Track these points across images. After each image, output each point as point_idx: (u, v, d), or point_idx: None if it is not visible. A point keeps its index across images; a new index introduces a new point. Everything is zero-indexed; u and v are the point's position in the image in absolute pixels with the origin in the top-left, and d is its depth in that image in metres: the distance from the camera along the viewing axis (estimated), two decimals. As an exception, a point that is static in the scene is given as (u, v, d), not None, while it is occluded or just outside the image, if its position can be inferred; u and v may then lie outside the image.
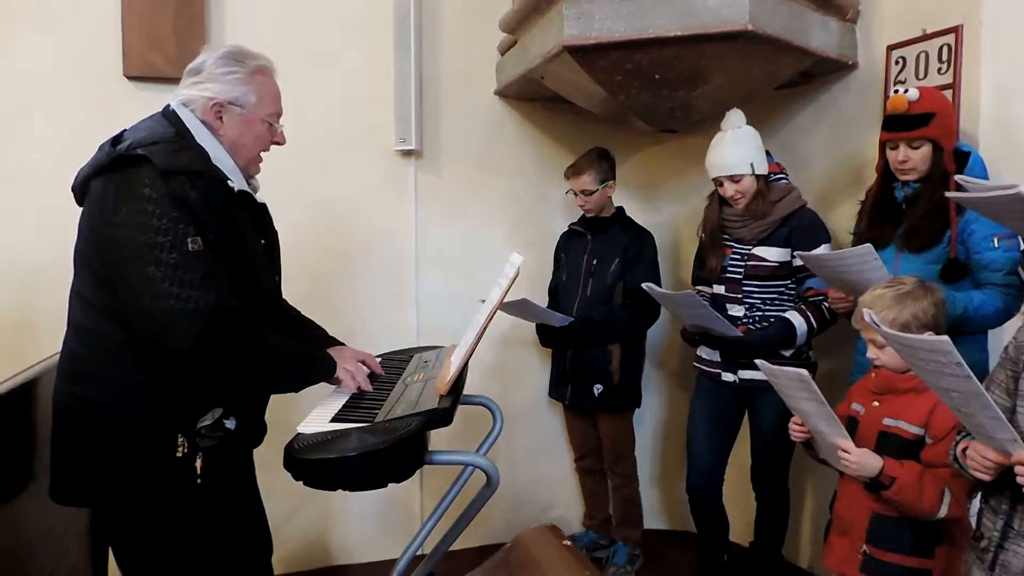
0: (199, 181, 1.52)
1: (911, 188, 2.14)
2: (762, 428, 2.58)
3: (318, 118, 2.94)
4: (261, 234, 1.73)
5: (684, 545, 3.23)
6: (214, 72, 1.64)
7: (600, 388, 2.91)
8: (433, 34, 3.12)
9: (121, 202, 1.48)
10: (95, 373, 1.55)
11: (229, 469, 1.66)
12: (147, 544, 1.59)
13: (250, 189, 1.69)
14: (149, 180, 1.47)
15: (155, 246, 1.45)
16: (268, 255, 1.76)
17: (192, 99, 1.64)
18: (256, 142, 1.71)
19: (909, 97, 2.07)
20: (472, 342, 1.71)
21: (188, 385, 1.55)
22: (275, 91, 1.74)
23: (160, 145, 1.52)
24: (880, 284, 1.82)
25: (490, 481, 1.67)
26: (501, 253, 2.08)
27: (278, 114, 1.76)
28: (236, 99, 1.65)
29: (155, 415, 1.53)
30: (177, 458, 1.54)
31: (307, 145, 2.90)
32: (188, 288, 1.45)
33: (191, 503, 1.58)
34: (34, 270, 2.65)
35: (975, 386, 1.25)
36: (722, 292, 2.57)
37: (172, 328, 1.45)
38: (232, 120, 1.66)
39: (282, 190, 2.09)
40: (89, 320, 1.56)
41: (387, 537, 3.16)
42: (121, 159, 1.50)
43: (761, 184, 2.49)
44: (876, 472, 1.68)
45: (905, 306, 1.73)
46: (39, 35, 2.67)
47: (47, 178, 2.58)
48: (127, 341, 1.51)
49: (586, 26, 2.37)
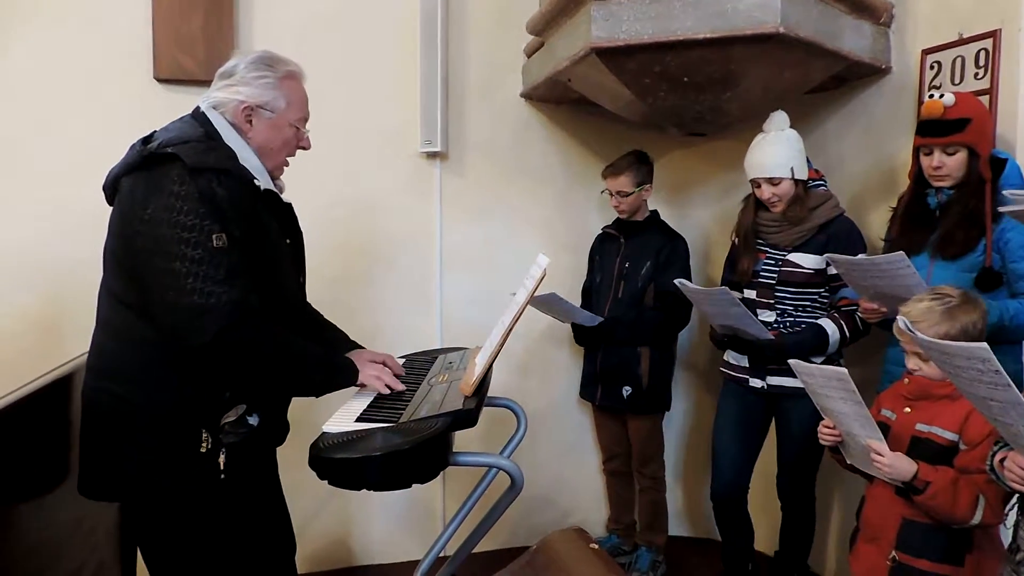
0: (226, 179, 1.55)
1: (945, 195, 2.11)
2: (789, 435, 2.55)
3: (344, 119, 2.96)
4: (286, 234, 1.75)
5: (708, 553, 3.20)
6: (246, 76, 1.67)
7: (629, 390, 2.90)
8: (460, 36, 3.12)
9: (150, 198, 1.51)
10: (122, 369, 1.57)
11: (253, 465, 1.68)
12: (171, 538, 1.61)
13: (276, 189, 1.71)
14: (178, 177, 1.50)
15: (181, 242, 1.47)
16: (293, 255, 1.78)
17: (223, 102, 1.67)
18: (284, 146, 1.75)
19: (945, 102, 2.04)
20: (497, 343, 1.70)
21: (213, 381, 1.56)
22: (303, 96, 1.78)
23: (189, 144, 1.55)
24: (925, 296, 1.77)
25: (514, 483, 1.66)
26: (526, 256, 2.08)
27: (305, 119, 1.79)
28: (266, 103, 1.68)
29: (180, 410, 1.55)
30: (201, 453, 1.56)
31: (333, 146, 2.91)
32: (211, 283, 1.47)
33: (215, 498, 1.60)
34: (63, 271, 2.68)
35: (1014, 395, 1.22)
36: (753, 297, 2.54)
37: (193, 323, 1.47)
38: (261, 123, 1.69)
39: (307, 191, 2.10)
40: (117, 316, 1.59)
41: (409, 538, 3.17)
42: (151, 157, 1.54)
43: (800, 189, 2.46)
44: (910, 476, 1.65)
45: (957, 320, 1.70)
46: (71, 38, 2.71)
47: (77, 179, 2.61)
48: (154, 337, 1.53)
49: (614, 28, 2.35)
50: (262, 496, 1.79)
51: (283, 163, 1.79)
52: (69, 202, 2.64)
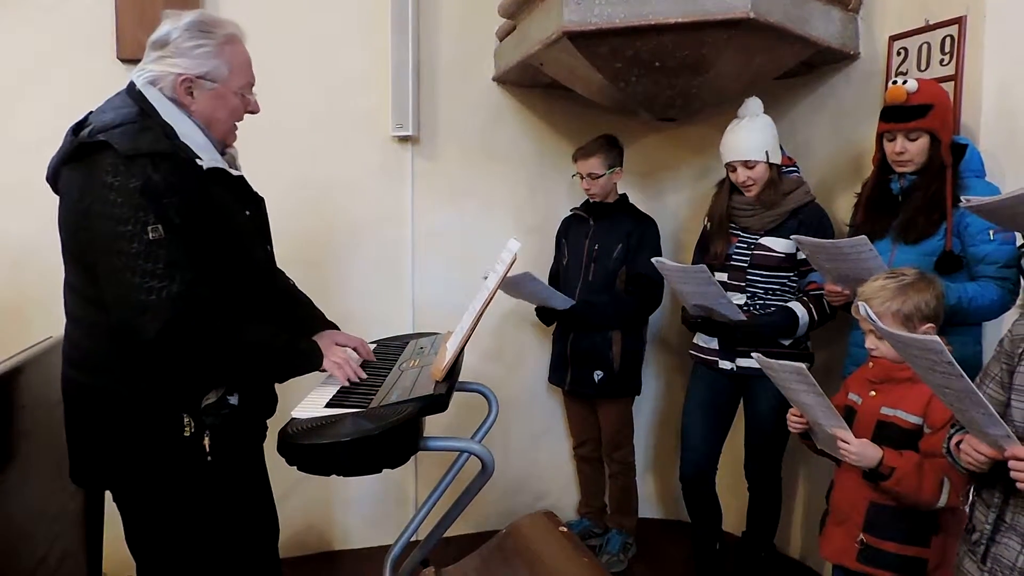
0: (163, 162, 1.46)
1: (907, 180, 2.15)
2: (757, 417, 2.59)
3: (314, 102, 2.91)
4: (244, 205, 1.68)
5: (678, 535, 3.24)
6: (181, 46, 1.56)
7: (601, 375, 2.91)
8: (431, 19, 3.09)
9: (85, 192, 1.46)
10: (96, 360, 1.55)
11: (241, 443, 1.68)
12: (160, 525, 1.60)
13: (224, 164, 1.63)
14: (111, 167, 1.43)
15: (117, 236, 1.42)
16: (255, 224, 1.72)
17: (160, 76, 1.56)
18: (230, 115, 1.66)
19: (907, 88, 2.07)
20: (468, 328, 1.70)
21: (186, 367, 1.54)
22: (246, 60, 1.67)
23: (121, 128, 1.47)
24: (880, 275, 1.82)
25: (485, 468, 1.67)
26: (498, 240, 2.07)
27: (251, 84, 1.69)
28: (207, 73, 1.58)
29: (159, 397, 1.53)
30: (185, 438, 1.54)
31: (303, 130, 2.88)
32: (150, 278, 1.42)
33: (204, 482, 1.58)
34: (25, 252, 2.63)
35: (967, 384, 1.26)
36: (725, 280, 2.56)
37: (136, 320, 1.43)
38: (203, 95, 1.59)
39: (277, 174, 2.07)
40: (82, 310, 1.56)
41: (381, 523, 3.17)
42: (83, 147, 1.47)
43: (773, 173, 2.50)
44: (876, 462, 1.68)
45: (908, 297, 1.74)
46: (32, 17, 2.64)
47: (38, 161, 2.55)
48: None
49: (586, 12, 2.35)
50: (249, 478, 1.78)
51: (232, 130, 1.69)
52: (29, 184, 2.56)
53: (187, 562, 1.62)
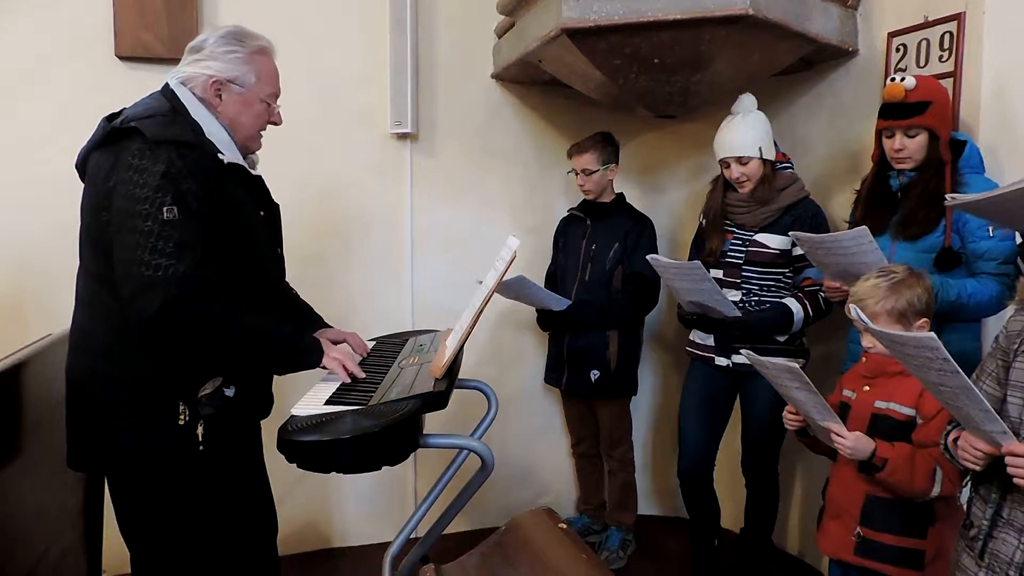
0: (187, 152, 1.55)
1: (906, 177, 2.15)
2: (753, 413, 2.59)
3: (313, 100, 2.91)
4: (259, 205, 1.75)
5: (677, 531, 3.25)
6: (215, 51, 1.67)
7: (597, 374, 2.91)
8: (430, 16, 3.08)
9: (112, 173, 1.53)
10: (100, 344, 1.59)
11: (234, 439, 1.69)
12: (152, 512, 1.62)
13: (245, 163, 1.70)
14: (138, 151, 1.51)
15: (135, 215, 1.48)
16: (268, 226, 1.78)
17: (192, 77, 1.67)
18: (254, 121, 1.74)
19: (906, 85, 2.07)
20: (468, 326, 1.71)
21: (186, 355, 1.56)
22: (274, 72, 1.77)
23: (153, 118, 1.56)
24: (871, 274, 1.83)
25: (484, 465, 1.67)
26: (497, 237, 2.08)
27: (276, 95, 1.79)
28: (236, 78, 1.68)
29: (157, 384, 1.57)
30: (179, 426, 1.57)
31: (302, 127, 2.85)
32: (159, 256, 1.46)
33: (195, 471, 1.60)
34: (25, 252, 2.63)
35: (963, 381, 1.26)
36: (720, 276, 2.57)
37: (140, 295, 1.46)
38: (231, 98, 1.69)
39: (276, 172, 2.06)
40: (93, 293, 1.60)
41: (381, 520, 3.17)
42: (114, 132, 1.56)
43: (767, 170, 2.50)
44: (869, 454, 1.70)
45: (901, 294, 1.75)
46: (32, 15, 2.63)
47: (39, 158, 2.56)
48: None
49: (585, 8, 2.34)
50: (244, 472, 1.80)
51: (256, 136, 1.78)
52: (29, 181, 2.58)
53: (178, 555, 1.64)
